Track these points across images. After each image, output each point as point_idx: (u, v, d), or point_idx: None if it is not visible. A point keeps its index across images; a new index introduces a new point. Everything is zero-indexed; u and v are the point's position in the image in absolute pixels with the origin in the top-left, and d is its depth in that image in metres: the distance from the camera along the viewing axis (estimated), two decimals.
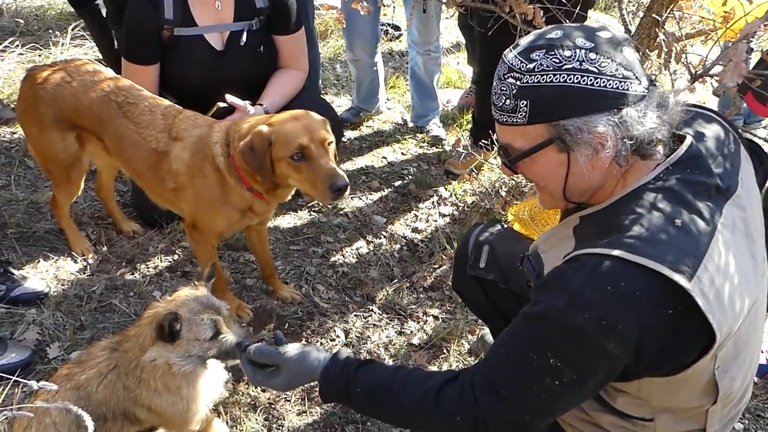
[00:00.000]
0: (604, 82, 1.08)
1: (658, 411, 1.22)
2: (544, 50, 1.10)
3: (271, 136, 1.88)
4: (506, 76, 1.13)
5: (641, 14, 2.11)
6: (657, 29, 2.14)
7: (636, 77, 1.10)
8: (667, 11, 2.11)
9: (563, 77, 1.08)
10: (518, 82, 1.11)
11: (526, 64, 1.11)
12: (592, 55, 1.08)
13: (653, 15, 2.10)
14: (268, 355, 1.36)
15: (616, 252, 1.03)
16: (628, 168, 1.14)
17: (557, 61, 1.09)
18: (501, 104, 1.15)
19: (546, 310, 1.08)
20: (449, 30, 4.84)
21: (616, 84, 1.08)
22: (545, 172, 1.18)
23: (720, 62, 1.87)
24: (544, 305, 1.08)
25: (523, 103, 1.11)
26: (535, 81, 1.10)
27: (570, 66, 1.08)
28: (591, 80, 1.08)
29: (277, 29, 2.64)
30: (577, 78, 1.08)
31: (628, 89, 1.09)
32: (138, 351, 1.53)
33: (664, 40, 2.12)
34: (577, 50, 1.08)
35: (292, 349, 1.35)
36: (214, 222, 2.11)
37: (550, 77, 1.09)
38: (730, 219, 1.13)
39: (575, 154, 1.12)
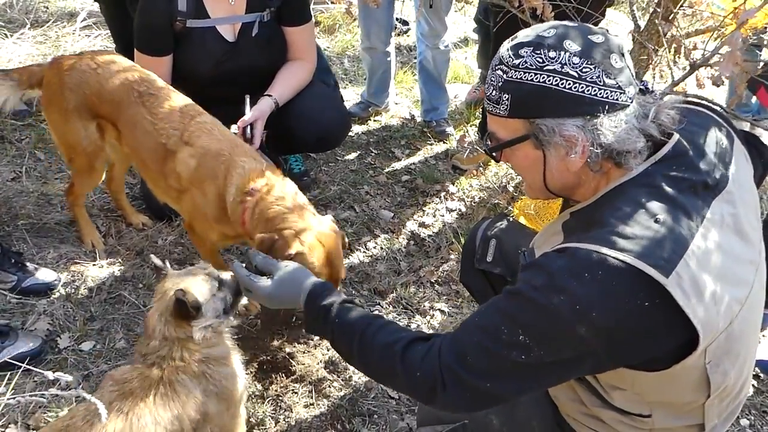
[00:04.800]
0: (582, 87, 1.09)
1: (654, 406, 1.22)
2: (531, 47, 1.12)
3: (294, 255, 1.75)
4: (496, 68, 1.17)
5: (651, 10, 2.11)
6: (666, 25, 2.14)
7: (619, 87, 1.10)
8: (677, 7, 2.10)
9: (543, 77, 1.10)
10: (504, 75, 1.14)
11: (514, 59, 1.13)
12: (576, 60, 1.09)
13: (662, 10, 2.10)
14: (266, 261, 1.47)
15: (595, 247, 1.05)
16: (602, 173, 1.16)
17: (541, 60, 1.10)
18: (489, 93, 1.18)
19: (524, 288, 1.10)
20: (457, 24, 4.83)
21: (594, 91, 1.09)
22: (524, 165, 1.22)
23: (718, 53, 1.87)
24: (522, 282, 1.11)
25: (505, 96, 1.14)
26: (518, 77, 1.12)
27: (552, 67, 1.09)
28: (569, 84, 1.09)
29: (287, 21, 2.65)
30: (556, 80, 1.09)
31: (606, 97, 1.10)
32: (182, 345, 1.48)
33: (672, 36, 2.12)
34: (563, 52, 1.09)
35: (290, 265, 1.45)
36: (207, 232, 2.12)
37: (531, 75, 1.11)
38: (718, 215, 1.13)
39: (549, 153, 1.14)
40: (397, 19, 4.66)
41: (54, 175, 2.78)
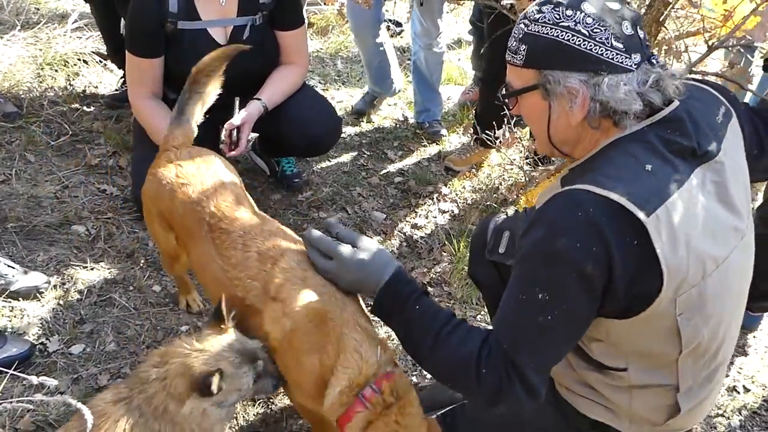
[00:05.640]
0: (590, 45, 1.18)
1: (630, 358, 1.29)
2: (552, 5, 1.21)
3: None
4: (520, 21, 1.26)
5: (643, 11, 2.11)
6: (657, 27, 2.14)
7: (625, 51, 1.19)
8: (668, 10, 2.11)
9: (557, 32, 1.20)
10: (525, 28, 1.24)
11: (535, 14, 1.23)
12: (589, 20, 1.19)
13: (653, 13, 2.10)
14: (349, 232, 1.47)
15: (584, 186, 1.14)
16: (601, 131, 1.24)
17: (558, 17, 1.20)
18: (510, 44, 1.28)
19: (529, 247, 1.18)
20: (450, 26, 4.84)
21: (601, 51, 1.19)
22: (531, 115, 1.31)
23: (732, 36, 1.89)
24: (526, 243, 1.19)
25: (522, 47, 1.24)
26: (536, 30, 1.22)
27: (566, 24, 1.19)
28: (579, 41, 1.19)
29: (279, 25, 2.64)
30: (568, 36, 1.19)
31: (611, 58, 1.19)
32: (169, 401, 1.39)
33: (663, 39, 2.13)
34: (579, 12, 1.19)
35: (346, 251, 1.44)
36: (300, 398, 1.64)
37: (547, 29, 1.20)
38: (700, 179, 1.21)
39: (554, 105, 1.24)
40: (390, 20, 4.67)
41: (44, 177, 2.76)
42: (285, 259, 1.56)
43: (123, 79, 3.38)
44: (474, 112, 3.39)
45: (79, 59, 3.59)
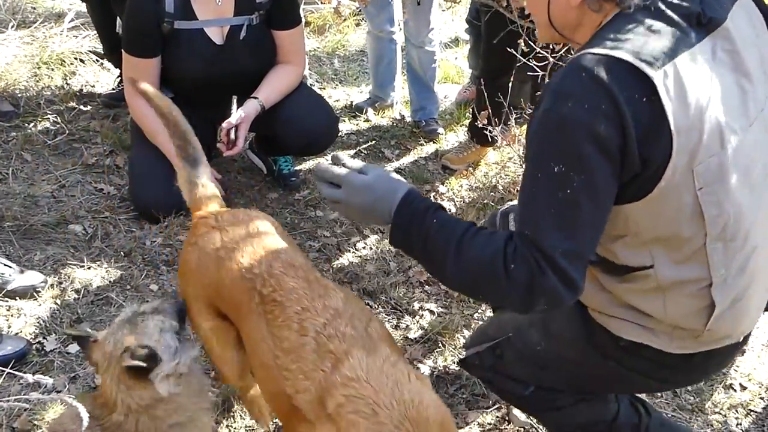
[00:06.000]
0: None
1: (654, 250, 1.22)
2: None
3: None
4: None
5: None
6: None
7: None
8: None
9: None
10: None
11: None
12: None
13: None
14: (359, 162, 1.32)
15: (591, 50, 1.11)
16: (602, 14, 1.21)
17: None
18: None
19: (537, 122, 1.14)
20: (447, 24, 4.84)
21: None
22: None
23: None
24: (534, 119, 1.15)
25: None
26: None
27: None
28: None
29: (276, 24, 2.65)
30: None
31: None
32: (149, 415, 1.33)
33: None
34: None
35: (353, 176, 1.27)
36: None
37: None
38: (710, 47, 1.18)
39: None
40: None
41: (41, 176, 2.76)
42: (350, 362, 1.26)
43: (120, 78, 3.38)
44: (471, 110, 3.39)
45: (75, 58, 3.60)
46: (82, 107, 3.28)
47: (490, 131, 2.91)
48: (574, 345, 1.43)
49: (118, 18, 3.15)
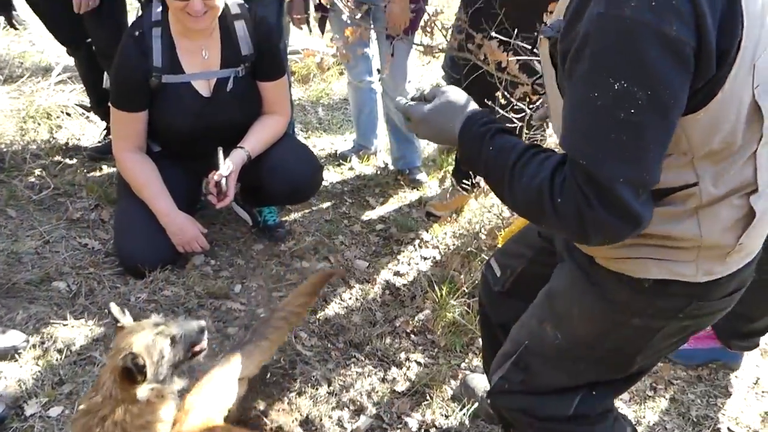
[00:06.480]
0: None
1: (702, 164, 1.10)
2: None
3: None
4: None
5: None
6: None
7: None
8: None
9: None
10: None
11: None
12: None
13: None
14: (398, 105, 1.34)
15: None
16: None
17: None
18: None
19: (588, 30, 0.97)
20: (428, 70, 4.94)
21: None
22: None
23: None
24: (583, 27, 0.98)
25: None
26: None
27: None
28: None
29: (261, 76, 2.71)
30: None
31: None
32: (125, 408, 1.49)
33: None
34: None
35: (417, 111, 1.28)
36: None
37: None
38: None
39: None
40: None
41: (25, 232, 2.76)
42: None
43: (105, 130, 3.41)
44: (454, 157, 3.45)
45: (62, 111, 3.63)
46: (67, 161, 3.29)
47: (472, 178, 2.97)
48: (589, 316, 1.34)
49: (105, 72, 3.20)
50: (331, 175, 3.57)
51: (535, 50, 2.38)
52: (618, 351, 1.37)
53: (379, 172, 3.68)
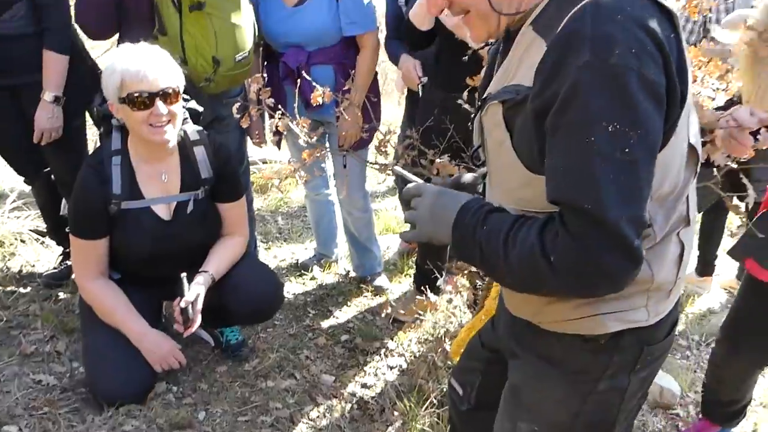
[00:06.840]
0: None
1: (653, 206, 1.13)
2: None
3: None
4: None
5: None
6: None
7: None
8: None
9: None
10: None
11: None
12: None
13: None
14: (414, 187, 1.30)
15: None
16: None
17: None
18: None
19: (575, 80, 1.00)
20: (388, 173, 5.10)
21: None
22: None
23: None
24: (568, 79, 1.01)
25: None
26: None
27: None
28: None
29: (220, 198, 2.77)
30: None
31: None
32: None
33: None
34: None
35: (410, 215, 1.28)
36: None
37: None
38: None
39: None
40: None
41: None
42: None
43: (62, 255, 3.37)
44: (414, 260, 3.52)
45: (15, 239, 3.58)
46: (21, 290, 3.22)
47: (435, 279, 3.02)
48: (557, 396, 1.33)
49: (63, 199, 3.21)
50: (293, 287, 3.58)
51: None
52: (595, 427, 1.36)
53: (340, 280, 3.70)
